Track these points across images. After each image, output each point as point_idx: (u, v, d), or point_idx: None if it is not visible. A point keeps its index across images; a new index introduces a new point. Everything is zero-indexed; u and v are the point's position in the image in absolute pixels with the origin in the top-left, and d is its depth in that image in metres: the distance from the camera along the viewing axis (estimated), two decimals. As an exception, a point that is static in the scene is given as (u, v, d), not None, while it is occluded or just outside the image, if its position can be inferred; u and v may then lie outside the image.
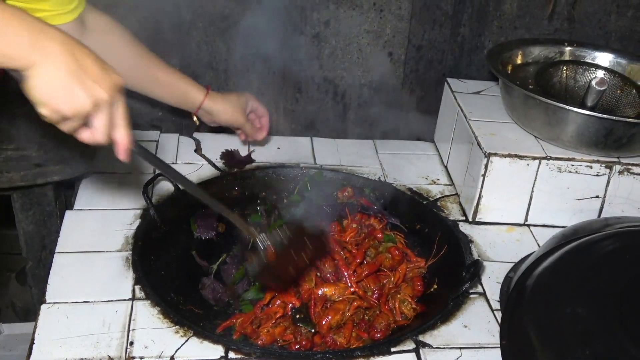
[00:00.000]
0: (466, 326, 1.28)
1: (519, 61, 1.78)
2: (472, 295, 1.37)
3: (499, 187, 1.56)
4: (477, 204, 1.58)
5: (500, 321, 1.25)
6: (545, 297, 1.19)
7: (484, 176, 1.55)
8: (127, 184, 1.60)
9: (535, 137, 1.61)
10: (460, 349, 1.22)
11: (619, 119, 1.49)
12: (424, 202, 1.67)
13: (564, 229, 1.44)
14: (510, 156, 1.53)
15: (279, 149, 1.85)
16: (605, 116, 1.47)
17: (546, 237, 1.44)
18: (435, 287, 1.44)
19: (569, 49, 1.81)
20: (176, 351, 1.16)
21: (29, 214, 1.59)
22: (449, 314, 1.31)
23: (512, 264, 1.45)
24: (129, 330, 1.19)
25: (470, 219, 1.61)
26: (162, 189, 1.59)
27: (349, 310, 1.32)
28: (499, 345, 1.13)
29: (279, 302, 1.32)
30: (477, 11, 1.85)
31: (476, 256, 1.49)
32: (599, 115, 1.47)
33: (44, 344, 1.15)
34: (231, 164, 1.72)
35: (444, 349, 1.22)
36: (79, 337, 1.17)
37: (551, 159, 1.54)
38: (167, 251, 1.46)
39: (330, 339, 1.29)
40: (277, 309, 1.31)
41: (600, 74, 1.71)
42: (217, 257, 1.49)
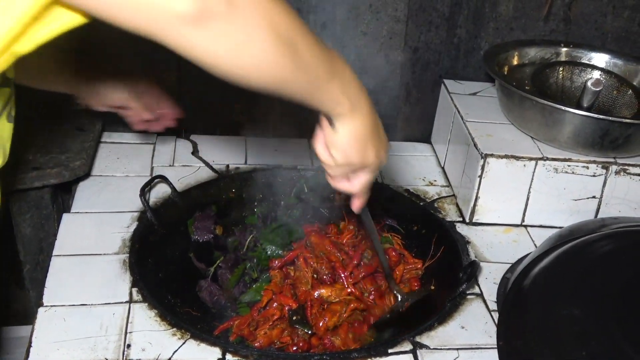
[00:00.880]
0: (463, 327, 1.29)
1: (515, 62, 1.78)
2: (469, 296, 1.37)
3: (496, 188, 1.57)
4: (474, 205, 1.58)
5: (497, 322, 1.25)
6: (542, 298, 1.19)
7: (481, 177, 1.55)
8: (125, 187, 1.60)
9: (531, 138, 1.61)
10: (457, 349, 1.22)
11: (615, 119, 1.49)
12: (421, 204, 1.67)
13: (560, 230, 1.44)
14: (506, 157, 1.54)
15: (276, 151, 1.85)
16: (601, 117, 1.48)
17: (543, 237, 1.44)
18: (432, 288, 1.45)
19: (565, 50, 1.82)
20: (173, 354, 1.16)
21: (26, 217, 1.59)
22: (446, 315, 1.31)
23: (509, 265, 1.45)
24: (126, 332, 1.19)
25: (467, 220, 1.61)
26: (160, 192, 1.59)
27: (346, 311, 1.32)
28: (496, 346, 1.14)
29: (276, 304, 1.33)
30: (473, 13, 1.85)
31: (473, 257, 1.49)
32: (595, 115, 1.48)
33: (41, 347, 1.14)
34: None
35: (441, 350, 1.22)
36: (77, 340, 1.17)
37: (548, 159, 1.54)
38: (165, 254, 1.46)
39: (327, 340, 1.29)
40: (275, 311, 1.31)
41: (596, 74, 1.72)
42: (214, 260, 1.50)
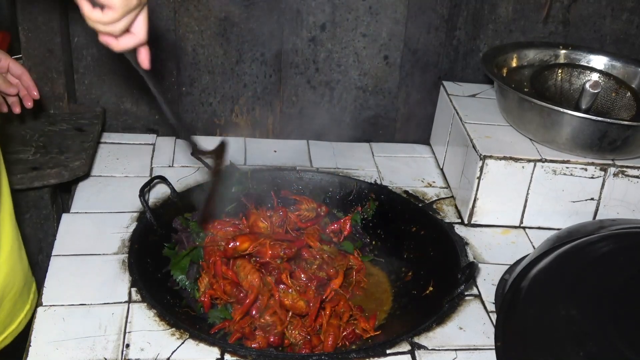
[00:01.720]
0: (461, 328, 1.29)
1: (514, 64, 1.79)
2: (467, 297, 1.37)
3: (495, 190, 1.57)
4: (473, 207, 1.59)
5: (495, 323, 1.26)
6: (539, 299, 1.19)
7: (480, 179, 1.55)
8: (124, 187, 1.61)
9: (530, 139, 1.62)
10: (455, 350, 1.23)
11: (613, 121, 1.49)
12: (420, 205, 1.67)
13: (558, 231, 1.44)
14: (505, 159, 1.54)
15: (276, 152, 1.85)
16: (599, 119, 1.48)
17: (541, 239, 1.45)
18: (430, 289, 1.45)
19: (564, 52, 1.82)
20: (172, 353, 1.16)
21: (25, 217, 1.59)
22: (444, 315, 1.31)
23: (508, 266, 1.45)
24: (125, 332, 1.20)
25: (465, 222, 1.61)
26: (159, 192, 1.60)
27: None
28: (494, 347, 1.14)
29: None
30: (473, 15, 1.85)
31: (471, 258, 1.49)
32: (594, 117, 1.48)
33: (40, 347, 1.15)
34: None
35: (439, 350, 1.23)
36: (75, 339, 1.17)
37: (546, 161, 1.54)
38: (163, 254, 1.46)
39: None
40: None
41: (595, 76, 1.72)
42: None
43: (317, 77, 1.88)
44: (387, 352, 1.21)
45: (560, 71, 1.76)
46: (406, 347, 1.22)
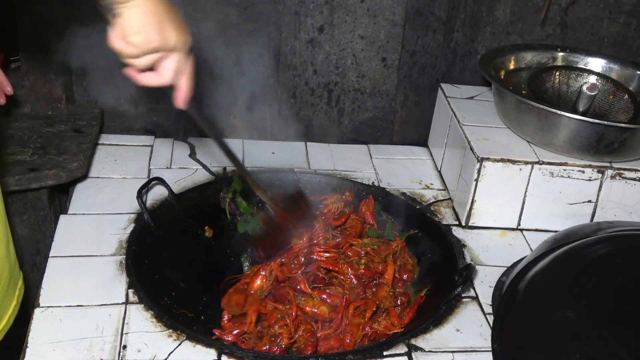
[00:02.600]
0: (458, 330, 1.29)
1: (512, 67, 1.79)
2: (464, 299, 1.37)
3: (492, 192, 1.57)
4: (470, 209, 1.59)
5: (492, 325, 1.26)
6: (536, 301, 1.19)
7: (477, 181, 1.56)
8: (122, 189, 1.61)
9: (527, 142, 1.62)
10: (452, 352, 1.23)
11: (610, 123, 1.50)
12: (418, 207, 1.67)
13: (555, 233, 1.45)
14: (503, 161, 1.54)
15: (274, 153, 1.85)
16: (597, 121, 1.48)
17: (539, 241, 1.45)
18: (427, 291, 1.45)
19: (562, 54, 1.82)
20: (169, 355, 1.16)
21: (23, 219, 1.59)
22: (441, 317, 1.31)
23: (505, 268, 1.45)
24: (122, 334, 1.20)
25: (463, 224, 1.61)
26: (156, 194, 1.60)
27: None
28: (491, 349, 1.14)
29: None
30: (470, 17, 1.86)
31: (469, 260, 1.49)
32: (591, 120, 1.48)
33: (37, 348, 1.15)
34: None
35: (436, 352, 1.23)
36: (72, 340, 1.17)
37: (544, 163, 1.55)
38: (161, 255, 1.46)
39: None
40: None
41: (592, 79, 1.72)
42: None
43: (315, 79, 1.88)
44: (384, 353, 1.21)
45: (557, 74, 1.76)
46: (403, 348, 1.22)
